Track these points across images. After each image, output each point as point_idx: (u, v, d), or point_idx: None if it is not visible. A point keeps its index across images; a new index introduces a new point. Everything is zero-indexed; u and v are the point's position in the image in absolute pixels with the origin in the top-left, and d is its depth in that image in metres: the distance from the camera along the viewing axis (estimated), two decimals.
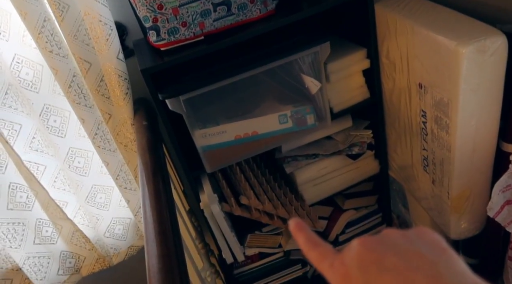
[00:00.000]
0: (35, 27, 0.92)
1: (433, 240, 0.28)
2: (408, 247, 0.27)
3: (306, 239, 0.33)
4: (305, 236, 0.33)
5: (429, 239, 0.28)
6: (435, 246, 0.27)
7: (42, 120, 1.07)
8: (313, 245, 0.32)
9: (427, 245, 0.27)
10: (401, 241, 0.28)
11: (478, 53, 0.74)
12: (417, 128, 1.00)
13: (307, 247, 0.33)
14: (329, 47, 0.94)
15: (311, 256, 0.32)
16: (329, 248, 0.32)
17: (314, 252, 0.32)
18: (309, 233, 0.34)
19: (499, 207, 0.83)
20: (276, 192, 1.15)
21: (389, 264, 0.26)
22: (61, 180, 1.19)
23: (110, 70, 1.02)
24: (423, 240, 0.28)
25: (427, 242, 0.28)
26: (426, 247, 0.27)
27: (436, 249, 0.27)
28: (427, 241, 0.28)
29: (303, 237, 0.33)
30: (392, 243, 0.28)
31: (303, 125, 1.05)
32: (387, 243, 0.28)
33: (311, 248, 0.32)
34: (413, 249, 0.27)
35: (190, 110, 0.92)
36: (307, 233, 0.34)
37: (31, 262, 1.18)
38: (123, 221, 1.32)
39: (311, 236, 0.33)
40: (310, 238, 0.33)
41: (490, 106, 0.82)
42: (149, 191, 0.74)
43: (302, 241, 0.33)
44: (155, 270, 0.56)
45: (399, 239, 0.28)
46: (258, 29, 0.91)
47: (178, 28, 0.89)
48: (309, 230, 0.34)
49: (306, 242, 0.33)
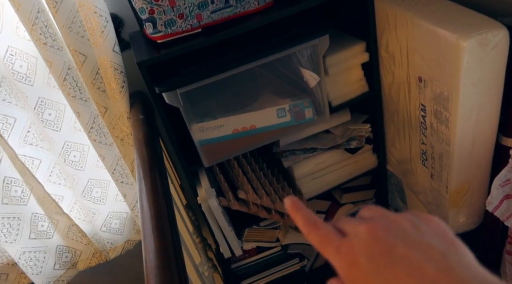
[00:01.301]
0: (29, 19, 0.90)
1: (442, 231, 0.28)
2: (418, 239, 0.27)
3: (305, 220, 0.31)
4: (304, 216, 0.31)
5: (439, 230, 0.28)
6: (444, 238, 0.27)
7: (36, 113, 1.06)
8: (314, 226, 0.30)
9: (437, 236, 0.27)
10: (411, 232, 0.27)
11: (479, 46, 0.73)
12: (416, 122, 0.99)
13: (308, 228, 0.31)
14: (328, 40, 0.93)
15: (313, 238, 0.30)
16: (331, 230, 0.30)
17: (316, 234, 0.30)
18: (307, 213, 0.32)
19: (498, 201, 0.82)
20: (274, 186, 1.15)
21: (400, 255, 0.26)
22: (56, 174, 1.18)
23: (106, 62, 1.00)
24: (433, 231, 0.28)
25: (436, 233, 0.28)
26: (436, 238, 0.27)
27: (445, 241, 0.27)
28: (436, 232, 0.28)
29: (302, 217, 0.31)
30: (403, 233, 0.27)
31: (301, 119, 1.04)
32: (397, 233, 0.27)
33: (312, 230, 0.30)
34: (423, 241, 0.27)
35: (188, 104, 0.91)
36: (306, 212, 0.32)
37: (27, 257, 1.17)
38: (119, 216, 1.31)
39: (310, 216, 0.31)
40: (309, 219, 0.31)
41: (490, 100, 0.81)
42: (146, 186, 0.73)
43: (301, 222, 0.31)
44: (152, 266, 0.56)
45: (409, 229, 0.28)
46: (256, 21, 0.90)
47: (175, 20, 0.88)
48: (307, 209, 0.32)
49: (305, 223, 0.31)
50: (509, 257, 0.92)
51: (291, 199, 0.33)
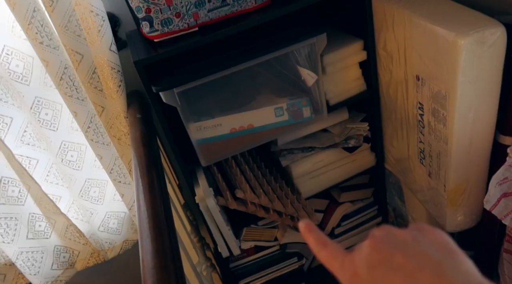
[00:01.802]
0: (25, 18, 0.89)
1: (442, 241, 0.29)
2: (415, 248, 0.28)
3: (316, 240, 0.34)
4: (315, 237, 0.35)
5: (439, 240, 0.29)
6: (443, 248, 0.28)
7: (33, 113, 1.05)
8: (323, 246, 0.34)
9: (435, 245, 0.28)
10: (410, 242, 0.29)
11: (477, 44, 0.73)
12: (414, 121, 0.99)
13: (318, 247, 0.34)
14: (326, 38, 0.93)
15: (322, 255, 0.33)
16: (338, 248, 0.33)
17: (324, 252, 0.33)
18: (318, 234, 0.35)
19: (495, 200, 0.82)
20: (272, 186, 1.14)
21: (397, 264, 0.27)
22: (54, 174, 1.18)
23: (103, 62, 1.00)
24: (431, 242, 0.29)
25: (435, 244, 0.28)
26: (434, 248, 0.28)
27: (443, 251, 0.28)
28: (435, 242, 0.29)
29: (313, 238, 0.35)
30: (401, 244, 0.28)
31: (299, 118, 1.03)
32: (395, 244, 0.29)
33: (322, 248, 0.33)
34: (420, 250, 0.27)
35: (185, 103, 0.91)
36: (317, 234, 0.35)
37: (24, 257, 1.17)
38: (117, 215, 1.31)
39: (320, 236, 0.35)
40: (320, 239, 0.34)
41: (488, 98, 0.81)
42: (143, 185, 0.73)
43: (313, 242, 0.34)
44: (149, 266, 0.55)
45: (409, 240, 0.29)
46: (253, 20, 0.89)
47: (171, 19, 0.87)
48: (318, 231, 0.35)
49: (316, 243, 0.34)
50: (507, 256, 0.92)
51: (305, 222, 0.36)
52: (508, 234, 0.91)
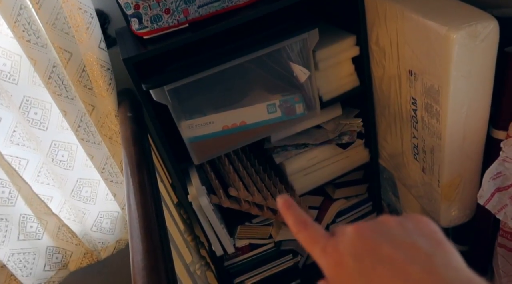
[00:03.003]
0: (11, 15, 0.88)
1: (430, 231, 0.27)
2: (404, 238, 0.26)
3: (296, 219, 0.31)
4: (295, 215, 0.32)
5: (426, 230, 0.27)
6: (431, 238, 0.27)
7: (22, 112, 1.03)
8: (303, 226, 0.31)
9: (424, 236, 0.27)
10: (398, 231, 0.27)
11: (469, 38, 0.72)
12: (407, 116, 0.98)
13: (297, 227, 0.31)
14: (318, 34, 0.92)
15: (301, 237, 0.30)
16: (320, 230, 0.30)
17: (304, 233, 0.30)
18: (298, 212, 0.32)
19: (489, 194, 0.82)
20: (266, 183, 1.14)
21: (385, 255, 0.25)
22: (44, 174, 1.16)
23: (92, 60, 0.98)
24: (420, 231, 0.27)
25: (423, 234, 0.27)
26: (423, 238, 0.26)
27: (432, 242, 0.26)
28: (424, 232, 0.27)
29: (292, 216, 0.32)
30: (388, 233, 0.27)
31: (292, 114, 1.02)
32: (383, 232, 0.27)
33: (301, 229, 0.31)
34: (409, 241, 0.26)
35: (176, 101, 0.89)
36: (297, 211, 0.32)
37: (16, 259, 1.15)
38: (110, 215, 1.30)
39: (300, 215, 0.32)
40: (299, 218, 0.31)
41: (481, 93, 0.81)
42: (133, 185, 0.72)
43: (291, 221, 0.31)
44: (139, 267, 0.54)
45: (396, 228, 0.27)
46: (244, 15, 0.88)
47: (161, 15, 0.86)
48: (298, 209, 0.32)
49: (295, 222, 0.31)
50: (501, 250, 0.92)
51: (283, 197, 0.33)
52: (502, 229, 0.91)
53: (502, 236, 0.91)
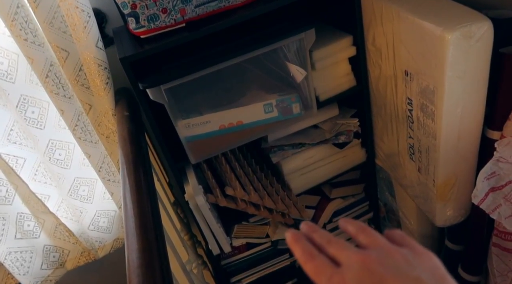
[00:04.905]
0: (8, 14, 0.88)
1: (434, 266, 0.29)
2: (409, 272, 0.27)
3: (303, 250, 0.33)
4: (302, 247, 0.33)
5: (430, 264, 0.29)
6: (435, 272, 0.28)
7: (19, 111, 1.04)
8: (310, 257, 0.32)
9: (428, 270, 0.28)
10: (403, 265, 0.28)
11: (464, 39, 0.73)
12: (403, 116, 0.99)
13: (304, 258, 0.32)
14: (314, 34, 0.92)
15: (308, 268, 0.32)
16: (326, 261, 0.31)
17: (311, 264, 0.32)
18: (305, 245, 0.34)
19: (483, 194, 0.83)
20: (263, 182, 1.14)
21: None
22: (42, 173, 1.16)
23: (89, 59, 0.98)
24: (424, 265, 0.28)
25: (427, 268, 0.28)
26: (426, 273, 0.27)
27: (436, 276, 0.27)
28: (427, 266, 0.28)
29: (300, 248, 0.33)
30: (394, 266, 0.28)
31: (288, 114, 1.03)
32: (389, 265, 0.28)
33: (308, 260, 0.32)
34: (414, 275, 0.27)
35: (172, 100, 0.90)
36: (304, 244, 0.34)
37: (13, 257, 1.15)
38: (107, 214, 1.30)
39: (307, 247, 0.33)
40: (306, 250, 0.33)
41: (475, 93, 0.81)
42: (129, 184, 0.72)
43: (299, 253, 0.33)
44: (134, 265, 0.55)
45: (401, 261, 0.28)
46: (241, 15, 0.88)
47: (158, 14, 0.86)
48: (305, 242, 0.34)
49: (302, 254, 0.33)
50: (496, 250, 0.93)
51: (292, 231, 0.35)
52: (497, 228, 0.91)
53: (497, 236, 0.92)
